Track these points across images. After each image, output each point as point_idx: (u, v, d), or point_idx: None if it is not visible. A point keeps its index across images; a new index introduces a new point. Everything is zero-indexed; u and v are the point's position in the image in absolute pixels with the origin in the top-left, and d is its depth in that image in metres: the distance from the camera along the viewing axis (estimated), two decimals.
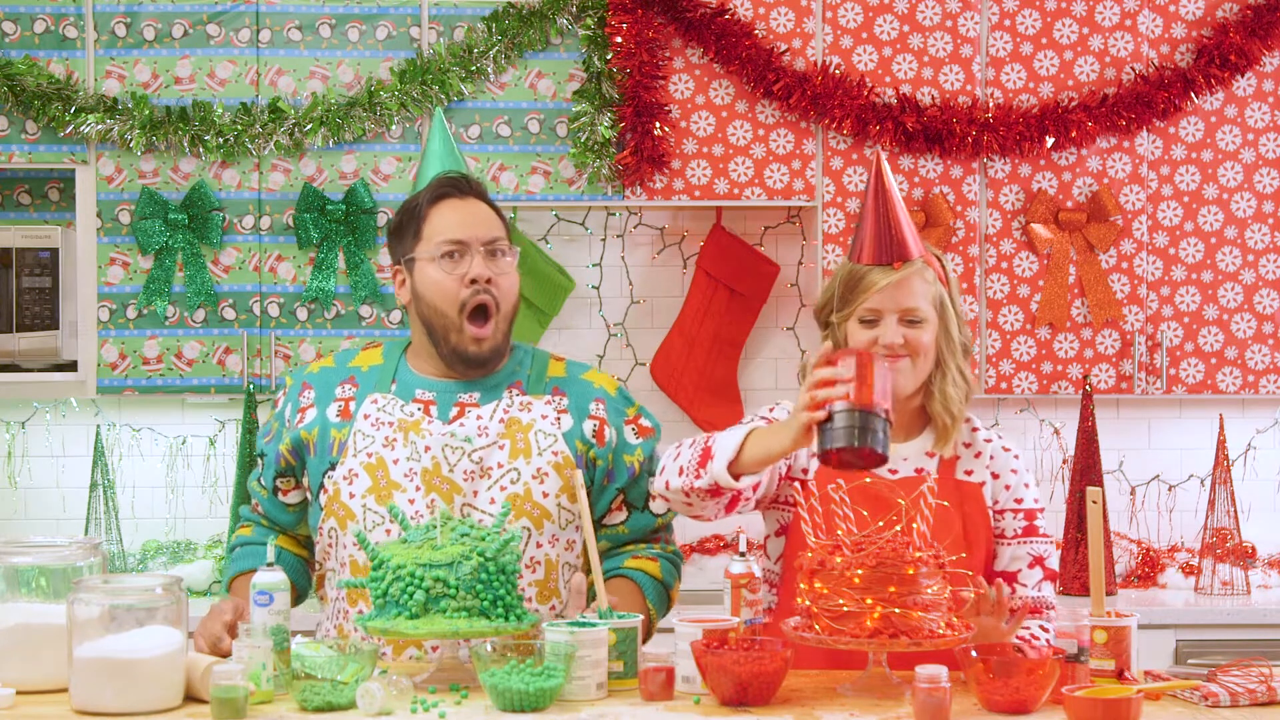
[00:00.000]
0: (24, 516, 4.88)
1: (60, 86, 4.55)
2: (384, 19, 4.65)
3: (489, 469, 2.92)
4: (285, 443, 3.00)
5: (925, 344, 2.88)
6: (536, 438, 2.94)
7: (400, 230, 3.00)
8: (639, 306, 5.01)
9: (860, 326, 2.90)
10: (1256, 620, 4.49)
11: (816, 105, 4.64)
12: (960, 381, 2.94)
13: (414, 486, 2.91)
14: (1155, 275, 4.73)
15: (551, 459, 2.94)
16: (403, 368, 3.02)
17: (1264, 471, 5.05)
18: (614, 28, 4.61)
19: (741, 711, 2.52)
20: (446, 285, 2.92)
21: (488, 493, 2.91)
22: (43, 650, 2.63)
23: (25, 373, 4.60)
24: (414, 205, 2.99)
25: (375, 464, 2.92)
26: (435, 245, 2.93)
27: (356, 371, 3.03)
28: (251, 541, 3.10)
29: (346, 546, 2.93)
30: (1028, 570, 2.95)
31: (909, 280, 2.88)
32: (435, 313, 2.94)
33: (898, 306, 2.87)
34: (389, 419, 2.95)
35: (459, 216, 2.95)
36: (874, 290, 2.87)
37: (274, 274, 4.62)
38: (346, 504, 2.92)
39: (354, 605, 2.93)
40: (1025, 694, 2.48)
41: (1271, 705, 2.56)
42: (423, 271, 2.95)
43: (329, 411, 2.99)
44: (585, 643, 2.57)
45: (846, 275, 2.92)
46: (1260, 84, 4.74)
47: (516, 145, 4.68)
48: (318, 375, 3.05)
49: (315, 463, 2.98)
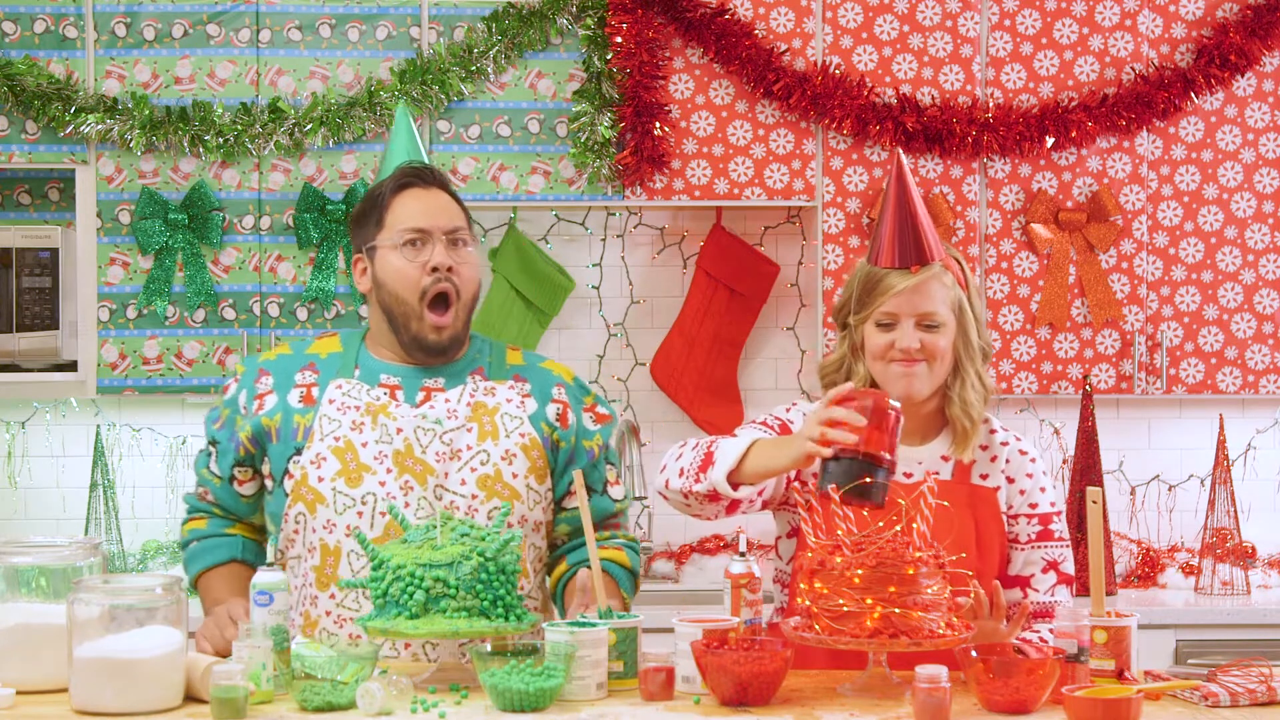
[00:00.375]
0: (24, 516, 4.88)
1: (60, 86, 4.55)
2: (384, 19, 4.65)
3: (459, 451, 2.95)
4: (246, 431, 3.00)
5: (942, 349, 2.87)
6: (503, 420, 2.99)
7: (362, 218, 3.04)
8: (639, 306, 5.01)
9: (877, 330, 2.89)
10: (1256, 620, 4.49)
11: (816, 105, 4.64)
12: (979, 386, 2.92)
13: (384, 469, 2.93)
14: (1155, 275, 4.73)
15: (519, 440, 2.99)
16: (363, 354, 3.05)
17: (1264, 471, 5.05)
18: (614, 28, 4.61)
19: (741, 711, 2.52)
20: (408, 272, 2.96)
21: (459, 474, 2.94)
22: (43, 650, 2.63)
23: (25, 373, 4.60)
24: (377, 194, 3.02)
25: (344, 447, 2.94)
26: (398, 233, 2.97)
27: (315, 358, 3.05)
28: (208, 535, 3.09)
29: (316, 530, 2.94)
30: (1041, 575, 2.95)
31: (927, 284, 2.86)
32: (396, 300, 2.97)
33: (915, 311, 2.86)
34: (355, 403, 2.97)
35: (421, 205, 2.99)
36: (891, 294, 2.86)
37: (274, 274, 4.62)
38: (315, 488, 2.93)
39: (324, 590, 2.94)
40: (1025, 694, 2.48)
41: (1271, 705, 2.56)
42: (384, 259, 2.98)
43: (290, 398, 3.00)
44: (585, 643, 2.57)
45: (865, 277, 2.91)
46: (1260, 84, 4.74)
47: (516, 145, 4.68)
48: (275, 362, 3.06)
49: (278, 449, 2.98)
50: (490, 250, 4.88)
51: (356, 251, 3.05)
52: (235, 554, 3.07)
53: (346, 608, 2.92)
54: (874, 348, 2.89)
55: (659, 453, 4.97)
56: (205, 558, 3.07)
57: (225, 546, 3.08)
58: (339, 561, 2.92)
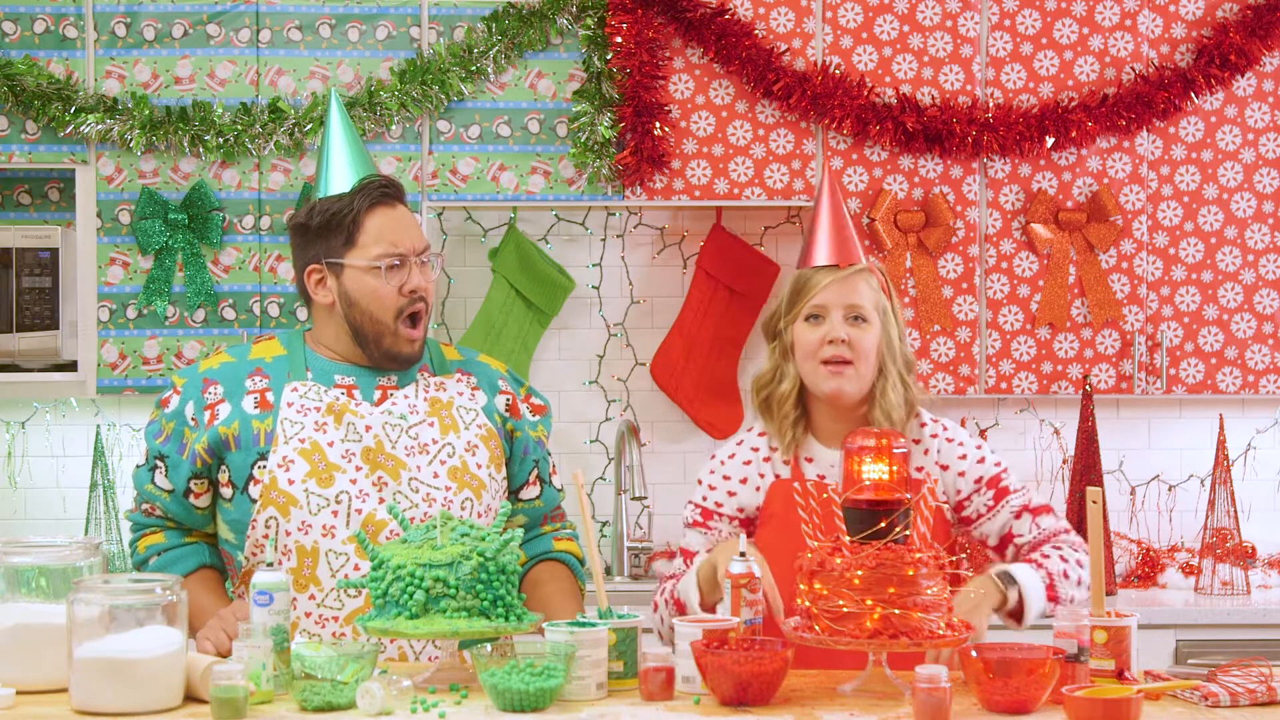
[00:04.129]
0: (24, 516, 4.88)
1: (60, 86, 4.55)
2: (384, 19, 4.65)
3: (426, 445, 3.00)
4: (202, 442, 2.99)
5: (868, 346, 3.03)
6: (459, 413, 3.05)
7: (325, 231, 3.01)
8: (639, 306, 5.01)
9: (807, 325, 3.05)
10: (1256, 620, 4.49)
11: (816, 105, 4.64)
12: (899, 387, 3.06)
13: (354, 467, 2.96)
14: (1155, 275, 4.73)
15: (478, 431, 3.05)
16: (311, 356, 3.06)
17: (1264, 471, 5.04)
18: (614, 28, 4.61)
19: (741, 711, 2.52)
20: (384, 294, 2.99)
21: (430, 467, 2.99)
22: (43, 650, 2.63)
23: (25, 373, 4.60)
24: (343, 209, 3.00)
25: (310, 449, 2.96)
26: (375, 257, 2.98)
27: (261, 363, 3.06)
28: (170, 547, 3.07)
29: (291, 534, 2.94)
30: (1016, 522, 3.05)
31: (853, 279, 3.05)
32: (369, 319, 3.00)
33: (843, 302, 3.03)
34: (315, 404, 2.99)
35: (395, 225, 3.01)
36: (820, 288, 3.04)
37: (274, 274, 4.62)
38: (287, 490, 2.94)
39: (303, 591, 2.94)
40: (1025, 694, 2.48)
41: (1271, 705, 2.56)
42: (358, 279, 2.99)
43: (245, 404, 3.00)
44: (585, 643, 2.57)
45: (794, 280, 3.11)
46: (1260, 84, 4.74)
47: (516, 145, 4.68)
48: (219, 371, 3.05)
49: (239, 456, 2.98)
50: (490, 250, 4.88)
51: (313, 261, 3.03)
52: (204, 560, 3.07)
53: (328, 607, 2.93)
54: (805, 344, 3.04)
55: (659, 453, 4.98)
56: (175, 568, 3.05)
57: (192, 554, 3.07)
58: (318, 562, 2.93)
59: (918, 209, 4.68)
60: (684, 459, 4.99)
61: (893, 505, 2.69)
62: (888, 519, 2.67)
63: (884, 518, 2.67)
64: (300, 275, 3.05)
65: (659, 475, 4.96)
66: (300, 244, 3.06)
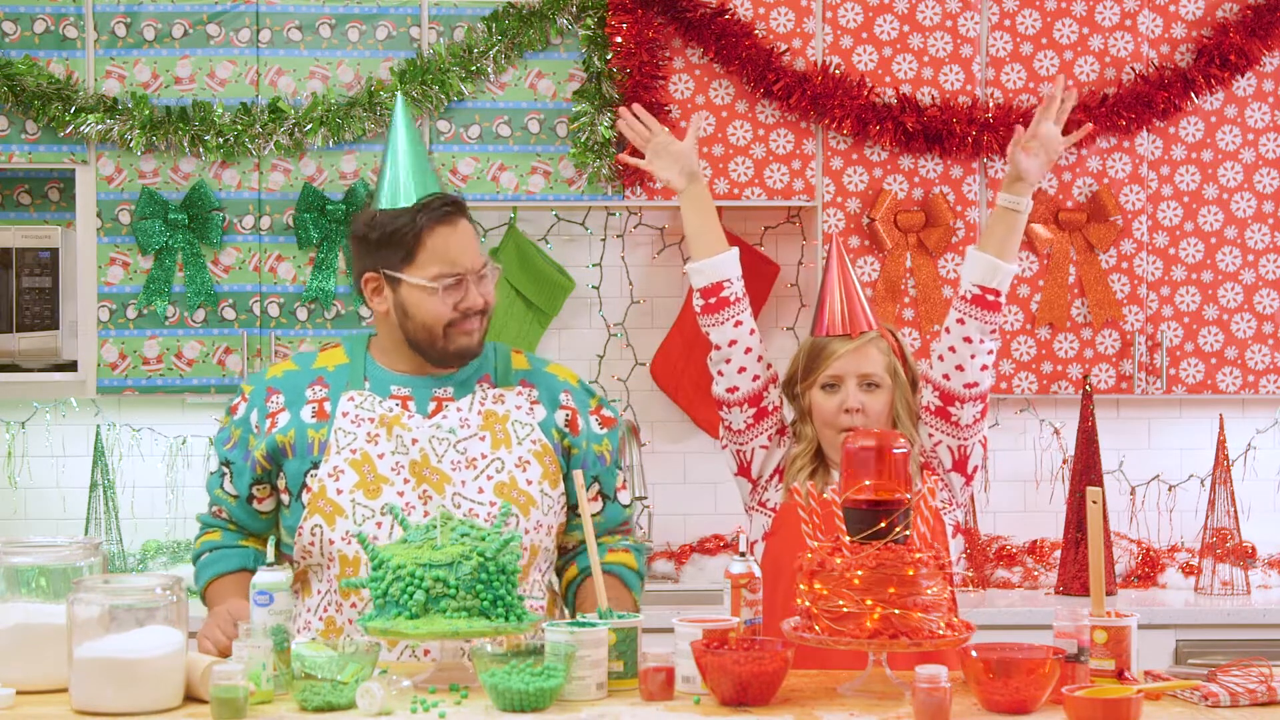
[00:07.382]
0: (24, 516, 4.88)
1: (60, 86, 4.55)
2: (384, 19, 4.65)
3: (474, 459, 2.98)
4: (260, 450, 3.01)
5: (880, 409, 3.20)
6: (514, 428, 3.02)
7: (385, 243, 2.98)
8: (639, 306, 5.01)
9: (823, 393, 3.23)
10: (1256, 620, 4.49)
11: (816, 105, 4.64)
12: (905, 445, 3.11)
13: (402, 480, 2.95)
14: (1155, 275, 4.73)
15: (531, 447, 3.02)
16: (371, 365, 3.06)
17: (1264, 471, 5.04)
18: (614, 28, 4.61)
19: (741, 711, 2.52)
20: (442, 311, 2.98)
21: (475, 482, 2.97)
22: (43, 650, 2.63)
23: (25, 373, 4.60)
24: (404, 227, 2.96)
25: (361, 460, 2.96)
26: (433, 276, 2.96)
27: (323, 372, 3.06)
28: (222, 546, 3.10)
29: (335, 542, 2.95)
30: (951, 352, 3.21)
31: (866, 348, 3.22)
32: (424, 329, 2.99)
33: (857, 371, 3.21)
34: (369, 415, 2.99)
35: (457, 244, 2.98)
36: (835, 358, 3.22)
37: (274, 274, 4.62)
38: (334, 500, 2.95)
39: (347, 598, 2.96)
40: (1025, 694, 2.48)
41: (1271, 705, 2.56)
42: (416, 295, 2.97)
43: (303, 413, 3.01)
44: (585, 643, 2.57)
45: (809, 348, 3.28)
46: (1260, 84, 4.74)
47: (516, 145, 4.68)
48: (283, 379, 3.07)
49: (295, 464, 2.99)
50: (490, 250, 4.87)
51: (370, 269, 3.01)
52: (246, 563, 3.07)
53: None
54: (823, 412, 3.22)
55: (659, 453, 4.98)
56: (216, 565, 3.08)
57: (237, 556, 3.08)
58: (358, 571, 2.95)
59: (918, 209, 4.68)
60: (684, 459, 4.99)
61: (893, 505, 2.69)
62: (888, 519, 2.68)
63: (884, 518, 2.68)
64: (357, 281, 3.05)
65: (659, 475, 4.96)
66: (359, 252, 3.05)
